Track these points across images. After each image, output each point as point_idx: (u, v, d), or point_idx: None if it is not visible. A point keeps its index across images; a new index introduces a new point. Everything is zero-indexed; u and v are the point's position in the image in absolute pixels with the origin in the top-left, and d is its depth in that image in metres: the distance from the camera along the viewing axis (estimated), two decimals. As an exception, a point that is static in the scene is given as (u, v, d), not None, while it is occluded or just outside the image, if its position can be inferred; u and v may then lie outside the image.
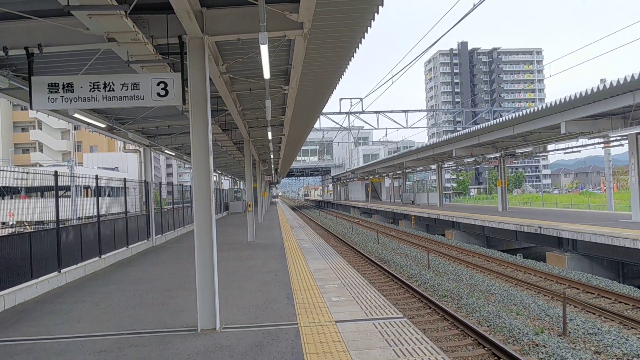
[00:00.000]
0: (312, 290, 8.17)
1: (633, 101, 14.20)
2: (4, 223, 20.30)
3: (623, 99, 14.55)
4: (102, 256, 12.03)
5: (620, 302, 10.55)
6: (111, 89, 6.05)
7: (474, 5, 9.59)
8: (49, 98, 6.05)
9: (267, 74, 7.67)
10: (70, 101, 6.05)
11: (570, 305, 9.87)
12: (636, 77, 12.71)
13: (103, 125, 12.83)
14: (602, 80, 14.62)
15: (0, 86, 8.11)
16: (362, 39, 8.63)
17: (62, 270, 9.79)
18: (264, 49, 6.25)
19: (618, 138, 19.51)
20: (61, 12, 5.48)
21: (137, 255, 14.39)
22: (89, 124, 12.18)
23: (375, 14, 7.32)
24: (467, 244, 22.01)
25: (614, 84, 13.51)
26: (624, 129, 16.75)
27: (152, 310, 7.26)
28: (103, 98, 6.06)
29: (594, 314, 9.58)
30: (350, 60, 10.08)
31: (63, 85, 6.04)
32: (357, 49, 9.28)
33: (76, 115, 10.70)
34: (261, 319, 6.47)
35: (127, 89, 6.05)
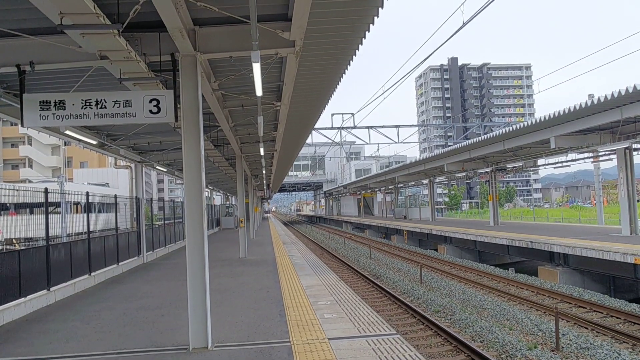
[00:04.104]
0: (305, 307, 8.12)
1: (621, 116, 14.41)
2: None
3: (611, 114, 14.76)
4: (92, 273, 11.90)
5: (611, 316, 10.59)
6: (103, 107, 6.04)
7: (463, 23, 9.73)
8: (40, 115, 6.02)
9: (259, 92, 7.71)
10: (62, 118, 6.03)
11: (562, 319, 9.88)
12: (623, 92, 12.91)
13: (94, 142, 12.79)
14: (590, 96, 14.83)
15: (-9, 103, 8.09)
16: (354, 56, 8.73)
17: (52, 288, 9.66)
18: (257, 67, 6.29)
19: (607, 152, 19.73)
20: (53, 30, 5.50)
21: (128, 272, 14.24)
22: (80, 140, 12.13)
23: (367, 32, 7.42)
24: (459, 258, 22.03)
25: (602, 99, 13.71)
26: (613, 144, 16.96)
27: (143, 328, 7.17)
28: (95, 115, 6.04)
29: (586, 328, 9.60)
30: (342, 76, 10.18)
31: (55, 102, 6.02)
32: (348, 66, 9.37)
33: (67, 132, 10.66)
34: (253, 336, 6.41)
35: (120, 106, 6.04)
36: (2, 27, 5.87)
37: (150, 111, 6.04)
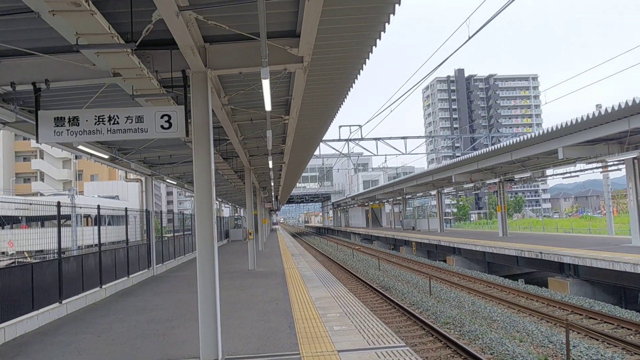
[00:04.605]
0: (314, 319, 8.16)
1: (628, 127, 14.39)
2: (3, 253, 20.26)
3: (619, 124, 14.75)
4: (103, 286, 12.01)
5: (622, 328, 10.50)
6: (116, 122, 6.17)
7: (469, 37, 9.86)
8: (55, 131, 6.16)
9: (268, 107, 7.84)
10: (76, 134, 6.17)
11: (573, 331, 9.82)
12: (630, 103, 12.93)
13: (106, 156, 12.99)
14: (598, 107, 14.87)
15: (7, 120, 8.27)
16: (361, 70, 8.85)
17: (64, 301, 9.77)
18: (266, 83, 6.42)
19: (615, 163, 19.66)
20: (68, 49, 5.66)
21: (138, 284, 14.34)
22: (92, 155, 12.32)
23: (373, 47, 7.55)
24: (468, 269, 21.93)
25: (609, 110, 13.72)
26: (621, 154, 16.91)
27: (154, 341, 7.24)
28: (108, 131, 6.17)
29: (597, 340, 9.53)
30: (349, 90, 10.30)
31: (69, 119, 6.16)
32: (356, 80, 9.50)
33: (80, 147, 10.85)
34: (263, 349, 6.46)
35: (132, 122, 6.18)
36: (20, 47, 6.05)
37: (162, 126, 6.17)
